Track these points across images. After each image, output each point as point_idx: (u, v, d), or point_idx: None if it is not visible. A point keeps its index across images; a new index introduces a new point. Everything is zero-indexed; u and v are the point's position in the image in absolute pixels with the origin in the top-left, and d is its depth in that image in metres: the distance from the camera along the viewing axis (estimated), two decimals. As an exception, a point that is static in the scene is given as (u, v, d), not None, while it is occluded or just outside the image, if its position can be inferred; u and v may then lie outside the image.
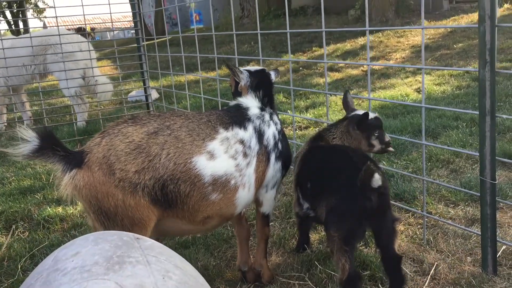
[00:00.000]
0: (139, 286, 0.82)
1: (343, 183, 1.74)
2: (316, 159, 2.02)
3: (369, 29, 2.31)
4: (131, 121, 1.74)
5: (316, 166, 1.98)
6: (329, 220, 1.76)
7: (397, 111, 4.42)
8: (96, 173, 1.60)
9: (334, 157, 1.95)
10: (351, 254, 1.74)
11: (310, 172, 1.99)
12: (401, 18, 9.99)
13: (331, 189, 1.79)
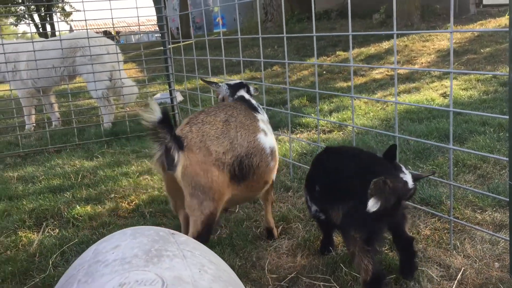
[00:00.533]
0: (177, 278, 0.85)
1: (361, 186, 1.73)
2: (330, 162, 2.03)
3: (396, 32, 2.31)
4: (204, 113, 2.09)
5: (329, 169, 1.99)
6: (349, 222, 1.77)
7: (423, 115, 4.38)
8: (198, 154, 1.91)
9: (349, 161, 1.95)
10: (373, 255, 1.75)
11: (320, 175, 2.02)
12: (427, 22, 9.89)
13: (348, 192, 1.80)
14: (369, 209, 1.66)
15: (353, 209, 1.75)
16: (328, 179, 1.96)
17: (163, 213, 2.87)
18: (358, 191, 1.73)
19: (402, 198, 1.79)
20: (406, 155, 3.36)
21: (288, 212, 2.71)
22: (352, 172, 1.86)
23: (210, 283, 0.89)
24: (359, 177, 1.78)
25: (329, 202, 1.92)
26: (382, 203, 1.66)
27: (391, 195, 1.68)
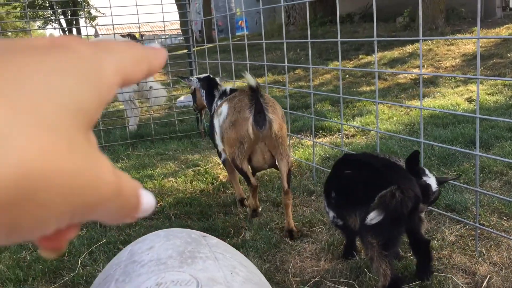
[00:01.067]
0: (211, 279, 0.88)
1: (376, 193, 1.73)
2: (346, 169, 2.04)
3: (422, 38, 2.30)
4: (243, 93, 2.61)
5: (346, 175, 2.00)
6: (366, 228, 1.78)
7: (447, 120, 4.34)
8: (279, 114, 2.52)
9: (365, 167, 1.96)
10: (391, 260, 1.79)
11: (336, 181, 2.04)
12: (451, 25, 9.77)
13: (364, 199, 1.80)
14: (368, 222, 1.69)
15: None
16: (344, 186, 1.98)
17: (187, 215, 2.92)
18: (374, 197, 1.74)
19: (422, 202, 1.79)
20: (430, 161, 3.34)
21: (311, 216, 2.73)
22: (367, 178, 1.87)
23: (242, 284, 0.92)
24: (375, 184, 1.80)
25: (346, 208, 1.94)
26: (386, 216, 1.68)
27: (403, 204, 1.68)
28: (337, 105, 5.62)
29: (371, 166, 1.92)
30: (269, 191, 3.15)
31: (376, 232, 1.74)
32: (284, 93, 6.70)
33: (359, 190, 1.87)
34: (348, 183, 1.95)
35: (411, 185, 1.74)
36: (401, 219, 1.73)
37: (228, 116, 2.54)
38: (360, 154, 2.26)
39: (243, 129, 2.45)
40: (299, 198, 3.01)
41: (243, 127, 2.44)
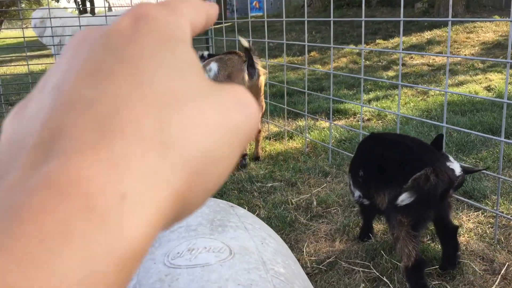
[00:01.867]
0: (243, 248, 0.86)
1: (410, 173, 1.71)
2: (376, 148, 2.01)
3: (451, 20, 2.25)
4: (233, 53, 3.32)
5: (376, 155, 1.97)
6: (397, 207, 1.74)
7: (466, 108, 4.28)
8: None
9: (397, 147, 1.92)
10: (418, 241, 1.75)
11: (366, 160, 1.99)
12: (471, 13, 9.59)
13: (398, 179, 1.76)
14: (399, 203, 1.65)
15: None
16: (374, 164, 1.94)
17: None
18: (406, 177, 1.70)
19: (451, 187, 1.76)
20: (448, 147, 3.30)
21: (327, 197, 2.71)
22: (400, 158, 1.83)
23: (273, 255, 0.90)
24: (408, 164, 1.76)
25: (375, 187, 1.90)
26: (419, 197, 1.65)
27: (436, 187, 1.65)
28: (352, 88, 5.56)
29: (404, 145, 1.87)
30: (284, 171, 3.13)
31: (408, 212, 1.70)
32: (299, 74, 6.63)
33: (390, 169, 1.83)
34: (379, 162, 1.91)
35: (445, 168, 1.70)
36: (433, 202, 1.71)
37: (220, 70, 3.21)
38: (389, 133, 2.21)
39: (238, 78, 3.12)
40: (314, 179, 2.98)
41: (239, 77, 3.13)
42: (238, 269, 0.79)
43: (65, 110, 0.20)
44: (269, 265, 0.85)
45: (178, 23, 0.24)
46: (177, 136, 0.20)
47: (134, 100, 0.20)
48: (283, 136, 3.83)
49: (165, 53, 0.22)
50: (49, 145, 0.19)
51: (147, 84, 0.21)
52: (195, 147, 0.21)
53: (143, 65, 0.21)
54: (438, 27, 8.59)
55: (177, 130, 0.21)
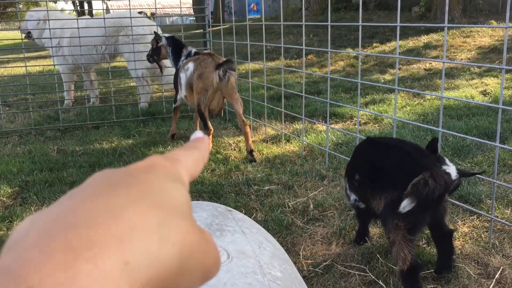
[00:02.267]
0: (241, 252, 0.87)
1: (406, 177, 1.71)
2: (372, 152, 2.01)
3: (447, 25, 2.27)
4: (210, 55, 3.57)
5: (372, 158, 1.97)
6: (393, 211, 1.75)
7: (462, 112, 4.30)
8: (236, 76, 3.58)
9: (393, 151, 1.92)
10: (414, 245, 1.76)
11: (362, 164, 2.00)
12: (468, 17, 9.64)
13: (395, 183, 1.78)
14: (401, 210, 1.66)
15: (399, 199, 1.72)
16: (370, 169, 1.95)
17: (199, 193, 2.92)
18: (403, 181, 1.71)
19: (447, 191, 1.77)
20: (444, 152, 3.32)
21: (323, 200, 2.72)
22: (397, 162, 1.85)
23: (270, 259, 0.91)
24: (405, 168, 1.78)
25: (371, 191, 1.91)
26: (418, 203, 1.66)
27: (434, 191, 1.65)
28: (349, 92, 5.58)
29: (400, 149, 1.87)
30: (281, 174, 3.14)
31: (404, 216, 1.71)
32: (296, 77, 6.65)
33: (387, 173, 1.84)
34: (376, 166, 1.91)
35: (442, 172, 1.71)
36: (430, 206, 1.72)
37: (195, 70, 3.47)
38: (385, 137, 2.20)
39: (208, 80, 3.39)
40: (311, 182, 3.00)
41: (209, 78, 3.39)
42: (236, 273, 0.80)
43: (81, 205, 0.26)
44: (266, 269, 0.86)
45: (179, 171, 0.32)
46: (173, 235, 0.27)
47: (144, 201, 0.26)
48: (280, 139, 3.85)
49: (169, 183, 0.29)
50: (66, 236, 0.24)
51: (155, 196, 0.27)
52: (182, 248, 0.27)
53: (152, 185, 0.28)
54: (435, 31, 8.63)
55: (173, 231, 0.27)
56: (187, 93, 3.65)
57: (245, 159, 3.48)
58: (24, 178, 3.26)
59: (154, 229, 0.25)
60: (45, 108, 5.36)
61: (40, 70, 8.47)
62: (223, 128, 4.42)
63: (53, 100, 5.60)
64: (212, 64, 3.44)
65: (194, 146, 0.36)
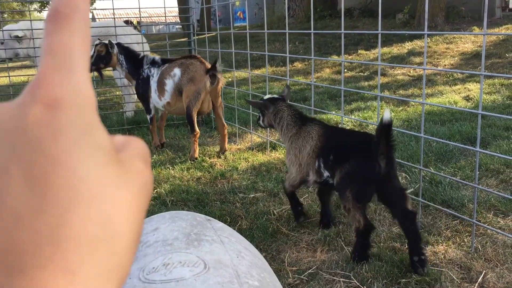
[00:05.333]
0: (218, 261, 0.87)
1: (356, 154, 2.17)
2: (334, 136, 2.39)
3: (427, 33, 2.30)
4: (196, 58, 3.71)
5: (335, 141, 2.34)
6: (344, 183, 2.16)
7: (445, 118, 4.35)
8: None
9: (348, 135, 2.43)
10: (364, 210, 2.14)
11: (333, 145, 2.31)
12: (451, 24, 9.78)
13: (346, 159, 2.18)
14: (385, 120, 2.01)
15: (348, 174, 2.15)
16: (336, 150, 2.28)
17: (184, 202, 2.91)
18: (354, 160, 2.15)
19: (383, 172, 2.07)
20: (428, 157, 3.35)
21: (308, 207, 2.73)
22: (349, 143, 2.27)
23: (248, 268, 0.92)
24: (355, 148, 2.21)
25: (335, 168, 2.23)
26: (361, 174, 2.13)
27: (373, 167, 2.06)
28: (335, 99, 5.62)
29: (355, 135, 2.46)
30: (266, 181, 3.15)
31: (351, 186, 2.12)
32: (282, 85, 6.68)
33: (344, 153, 2.23)
34: (338, 147, 2.28)
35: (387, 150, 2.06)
36: (372, 180, 2.10)
37: (183, 75, 3.55)
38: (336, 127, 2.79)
39: (200, 84, 3.49)
40: (296, 189, 3.00)
41: (201, 82, 3.49)
42: (212, 283, 0.80)
43: (13, 223, 0.21)
44: (243, 278, 0.86)
45: (84, 95, 0.24)
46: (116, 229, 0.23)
47: (77, 206, 0.22)
48: (266, 147, 3.86)
49: (88, 146, 0.23)
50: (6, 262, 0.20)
51: (84, 185, 0.22)
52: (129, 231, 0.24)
53: (74, 163, 0.22)
54: (419, 38, 8.73)
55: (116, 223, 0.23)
56: (171, 99, 3.65)
57: (230, 167, 3.48)
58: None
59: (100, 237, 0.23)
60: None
61: (25, 80, 8.39)
62: (209, 136, 4.41)
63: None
64: (202, 68, 3.53)
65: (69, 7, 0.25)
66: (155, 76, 3.77)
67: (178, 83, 3.57)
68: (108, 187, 0.23)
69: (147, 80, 3.80)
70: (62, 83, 0.23)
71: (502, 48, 7.63)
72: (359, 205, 2.11)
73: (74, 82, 0.24)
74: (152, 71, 3.80)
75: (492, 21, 10.02)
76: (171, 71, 3.64)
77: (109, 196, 0.23)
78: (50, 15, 0.25)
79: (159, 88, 3.70)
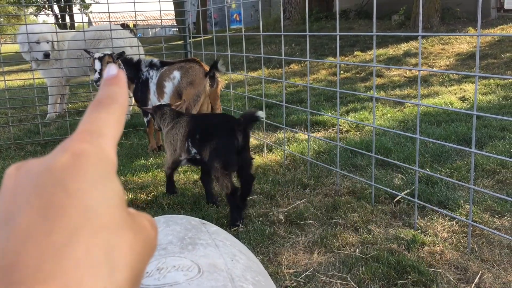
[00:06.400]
0: (212, 265, 0.87)
1: (219, 132, 2.63)
2: (199, 120, 2.91)
3: (422, 34, 2.31)
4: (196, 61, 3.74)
5: (200, 124, 2.81)
6: (213, 156, 2.61)
7: (441, 118, 4.36)
8: None
9: (211, 118, 2.99)
10: (230, 177, 2.57)
11: (198, 128, 2.77)
12: (446, 25, 9.81)
13: (212, 137, 2.64)
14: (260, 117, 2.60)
15: (215, 148, 2.62)
16: (202, 131, 2.73)
17: (181, 205, 2.91)
18: (219, 137, 2.63)
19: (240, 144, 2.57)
20: (424, 158, 3.36)
21: (305, 209, 2.73)
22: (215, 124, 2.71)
23: (243, 271, 0.91)
24: (217, 127, 2.67)
25: (203, 145, 2.67)
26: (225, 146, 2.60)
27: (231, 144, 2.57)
28: (331, 100, 5.63)
29: (216, 117, 3.00)
30: (263, 184, 3.14)
31: (218, 158, 2.58)
32: (279, 87, 6.69)
33: (209, 133, 2.68)
34: (204, 129, 2.73)
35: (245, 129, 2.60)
36: (233, 152, 2.57)
37: (183, 78, 3.58)
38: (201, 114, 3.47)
39: (200, 86, 3.54)
40: (293, 191, 3.01)
41: (201, 85, 3.54)
42: (206, 287, 0.80)
43: (22, 240, 0.23)
44: (237, 282, 0.86)
45: (107, 154, 0.29)
46: (121, 259, 0.25)
47: (85, 231, 0.24)
48: (262, 149, 3.86)
49: (103, 186, 0.27)
50: (9, 274, 0.22)
51: (94, 216, 0.25)
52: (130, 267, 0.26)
53: (88, 198, 0.25)
54: (414, 39, 8.76)
55: (120, 254, 0.25)
56: (170, 102, 3.64)
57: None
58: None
59: (101, 261, 0.24)
60: (25, 122, 5.30)
61: (21, 84, 8.38)
62: (206, 139, 4.41)
63: (34, 114, 5.54)
64: (201, 71, 3.58)
65: (110, 98, 0.31)
66: (154, 79, 3.79)
67: (178, 86, 3.61)
68: (116, 223, 0.26)
69: (146, 82, 3.83)
70: (90, 142, 0.28)
71: (497, 49, 7.65)
72: (226, 172, 2.56)
73: (100, 143, 0.29)
74: (151, 73, 3.82)
75: (487, 22, 10.05)
76: (170, 73, 3.67)
77: (116, 230, 0.26)
78: (95, 102, 0.31)
79: (158, 90, 3.73)
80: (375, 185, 2.76)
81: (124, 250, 0.26)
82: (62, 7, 27.13)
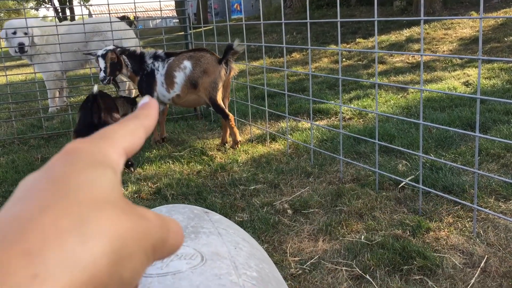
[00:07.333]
0: (215, 253, 0.87)
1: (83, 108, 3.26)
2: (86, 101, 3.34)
3: (423, 18, 2.28)
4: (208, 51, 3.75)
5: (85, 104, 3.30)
6: (77, 127, 3.26)
7: (445, 104, 4.34)
8: None
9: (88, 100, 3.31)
10: None
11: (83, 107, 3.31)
12: (449, 9, 9.72)
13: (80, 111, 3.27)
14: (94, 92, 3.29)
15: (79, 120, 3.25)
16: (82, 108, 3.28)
17: (184, 196, 2.91)
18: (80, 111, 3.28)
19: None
20: (428, 143, 3.34)
21: (309, 197, 2.72)
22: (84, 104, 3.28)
23: (246, 259, 0.91)
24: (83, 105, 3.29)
25: None
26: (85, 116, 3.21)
27: None
28: (334, 88, 5.60)
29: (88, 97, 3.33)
30: (267, 173, 3.14)
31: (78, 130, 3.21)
32: (281, 76, 6.66)
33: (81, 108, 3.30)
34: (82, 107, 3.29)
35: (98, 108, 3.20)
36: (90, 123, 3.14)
37: (195, 67, 3.58)
38: None
39: (215, 74, 3.54)
40: (296, 180, 3.00)
41: (215, 73, 3.54)
42: (209, 275, 0.80)
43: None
44: (241, 270, 0.85)
45: (104, 153, 0.30)
46: (97, 230, 0.25)
47: (58, 207, 0.25)
48: (265, 138, 3.85)
49: (89, 173, 0.28)
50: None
51: (72, 194, 0.26)
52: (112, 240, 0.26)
53: (69, 182, 0.27)
54: (417, 25, 8.69)
55: (97, 226, 0.25)
56: (182, 92, 3.65)
57: (230, 159, 3.47)
58: (8, 188, 3.22)
59: (71, 231, 0.24)
60: (28, 116, 5.30)
61: (23, 79, 8.37)
62: (209, 130, 4.40)
63: (36, 108, 5.54)
64: (213, 58, 3.58)
65: (133, 116, 0.34)
66: (161, 70, 3.73)
67: (190, 75, 3.58)
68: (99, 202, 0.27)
69: (151, 74, 3.77)
70: (87, 142, 0.30)
71: (501, 33, 7.58)
72: (83, 132, 3.00)
73: (99, 143, 0.30)
74: (156, 65, 3.76)
75: (490, 6, 9.95)
76: (180, 63, 3.64)
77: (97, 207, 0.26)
78: (131, 115, 0.34)
79: (168, 81, 3.68)
80: (379, 171, 2.75)
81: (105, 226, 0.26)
82: (62, 0, 27.04)
